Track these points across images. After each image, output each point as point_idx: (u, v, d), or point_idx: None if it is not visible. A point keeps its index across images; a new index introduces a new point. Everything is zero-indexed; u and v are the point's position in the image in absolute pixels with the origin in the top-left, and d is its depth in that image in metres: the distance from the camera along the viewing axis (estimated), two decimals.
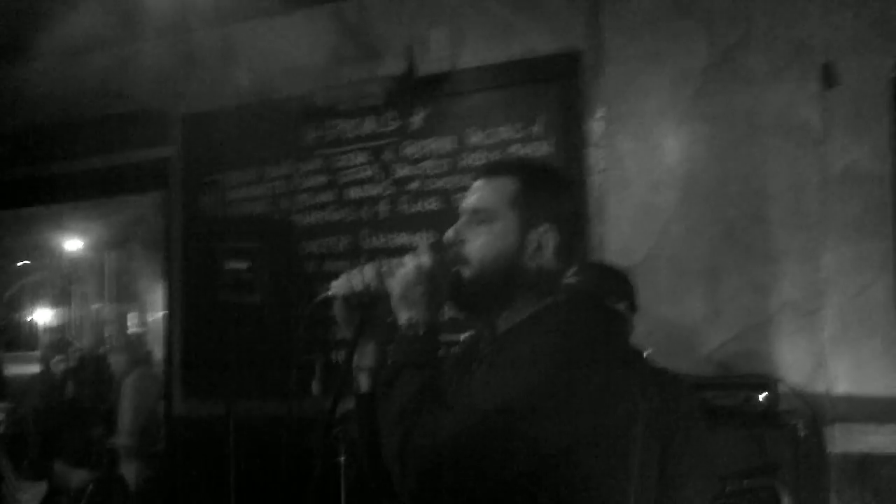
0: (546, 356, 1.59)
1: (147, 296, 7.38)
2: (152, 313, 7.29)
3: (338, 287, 1.77)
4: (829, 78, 3.81)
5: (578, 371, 1.58)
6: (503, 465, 1.53)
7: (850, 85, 3.78)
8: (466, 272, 1.74)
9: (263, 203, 4.96)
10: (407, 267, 1.71)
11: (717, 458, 3.00)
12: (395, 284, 1.71)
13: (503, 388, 1.57)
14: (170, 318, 5.27)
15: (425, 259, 1.72)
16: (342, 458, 3.27)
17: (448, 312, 1.80)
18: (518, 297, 1.74)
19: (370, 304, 1.76)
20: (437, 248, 1.76)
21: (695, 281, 3.94)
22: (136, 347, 6.31)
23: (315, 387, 4.38)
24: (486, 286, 1.74)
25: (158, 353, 6.07)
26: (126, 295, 7.57)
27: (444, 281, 1.72)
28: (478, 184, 1.81)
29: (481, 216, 1.76)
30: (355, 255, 4.65)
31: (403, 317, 1.70)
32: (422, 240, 4.43)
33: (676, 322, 3.89)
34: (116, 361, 5.92)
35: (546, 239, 1.74)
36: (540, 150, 4.30)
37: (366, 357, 1.82)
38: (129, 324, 7.52)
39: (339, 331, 4.68)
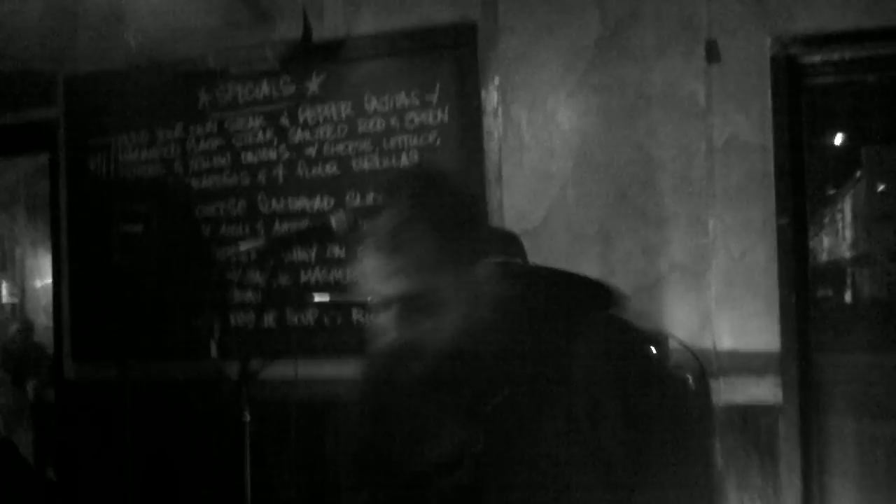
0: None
1: (28, 262, 7.14)
2: (35, 280, 7.05)
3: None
4: (712, 54, 3.96)
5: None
6: None
7: (732, 60, 3.93)
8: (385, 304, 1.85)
9: (156, 166, 4.85)
10: None
11: None
12: None
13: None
14: (58, 283, 5.11)
15: None
16: (247, 419, 3.31)
17: None
18: (438, 281, 1.84)
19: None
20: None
21: (589, 244, 4.06)
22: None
23: (213, 349, 4.36)
24: (406, 302, 1.83)
25: (42, 320, 5.90)
26: (5, 261, 7.28)
27: None
28: (377, 207, 1.90)
29: (379, 243, 1.85)
30: (253, 219, 4.61)
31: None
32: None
33: None
34: None
35: (434, 240, 1.82)
36: (437, 117, 4.36)
37: None
38: (3, 293, 7.25)
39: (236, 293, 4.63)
